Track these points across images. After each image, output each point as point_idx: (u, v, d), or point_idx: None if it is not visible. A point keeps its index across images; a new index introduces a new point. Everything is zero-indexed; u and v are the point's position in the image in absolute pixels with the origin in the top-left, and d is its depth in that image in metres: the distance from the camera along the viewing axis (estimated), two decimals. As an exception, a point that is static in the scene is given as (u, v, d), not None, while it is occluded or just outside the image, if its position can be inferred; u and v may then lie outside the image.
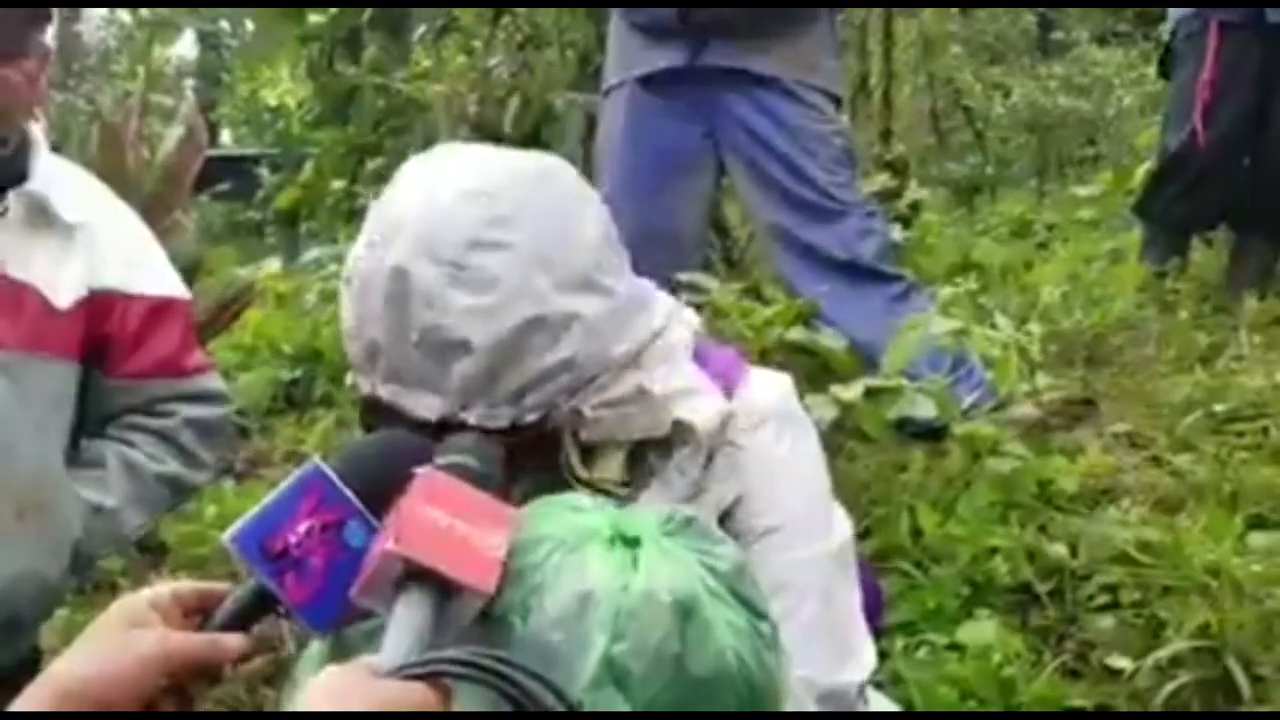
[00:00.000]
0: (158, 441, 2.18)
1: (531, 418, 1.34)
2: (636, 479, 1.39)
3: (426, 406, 1.32)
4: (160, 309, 2.18)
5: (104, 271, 2.11)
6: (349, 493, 1.15)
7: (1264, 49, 4.39)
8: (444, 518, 1.07)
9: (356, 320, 1.36)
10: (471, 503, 1.10)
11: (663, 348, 1.43)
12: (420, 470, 1.12)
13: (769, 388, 1.53)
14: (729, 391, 1.48)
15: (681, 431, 1.39)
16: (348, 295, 1.38)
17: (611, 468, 1.39)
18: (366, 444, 1.31)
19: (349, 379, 1.42)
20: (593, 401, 1.36)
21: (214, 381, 2.30)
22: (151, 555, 3.20)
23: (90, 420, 2.16)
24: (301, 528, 1.13)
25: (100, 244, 2.12)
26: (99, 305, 2.11)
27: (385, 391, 1.35)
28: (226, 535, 1.13)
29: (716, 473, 1.43)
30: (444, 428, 1.31)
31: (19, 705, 1.04)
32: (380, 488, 1.14)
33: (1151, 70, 8.01)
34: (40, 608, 2.14)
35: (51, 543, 2.05)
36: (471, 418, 1.32)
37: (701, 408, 1.40)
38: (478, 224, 1.32)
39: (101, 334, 2.12)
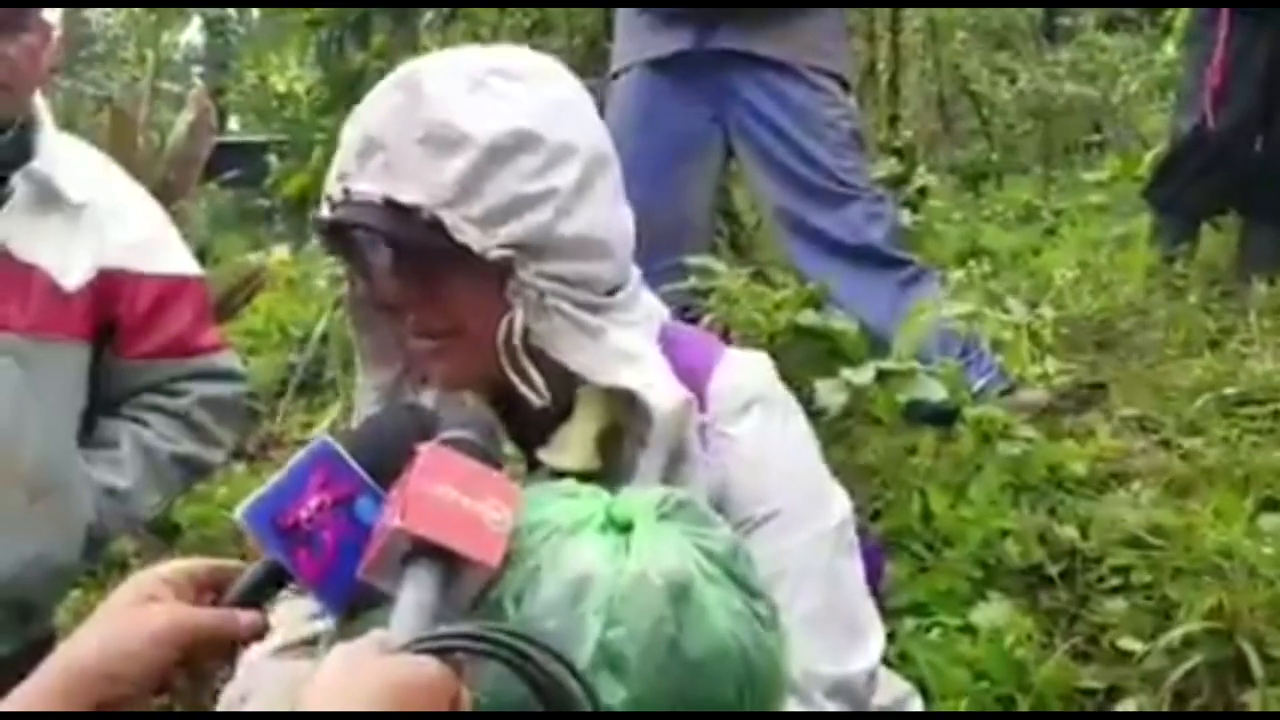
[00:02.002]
0: (172, 421, 2.17)
1: (495, 254, 1.32)
2: (616, 471, 1.36)
3: (409, 193, 1.32)
4: (172, 288, 2.17)
5: (112, 251, 2.10)
6: (358, 468, 1.16)
7: (1274, 34, 4.37)
8: (449, 493, 1.07)
9: (363, 125, 1.37)
10: (476, 477, 1.10)
11: (630, 319, 1.42)
12: (424, 446, 1.12)
13: (750, 370, 1.51)
14: (706, 377, 1.46)
15: (645, 416, 1.35)
16: (353, 120, 1.39)
17: (579, 451, 1.38)
18: (375, 420, 1.31)
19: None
20: (555, 289, 1.35)
21: (228, 360, 2.29)
22: (164, 537, 3.20)
23: (104, 400, 2.15)
24: (313, 503, 1.13)
25: (108, 223, 2.11)
26: (108, 285, 2.09)
27: (372, 185, 1.34)
28: (238, 510, 1.14)
29: (701, 461, 1.40)
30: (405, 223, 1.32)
31: (34, 681, 1.05)
32: (389, 463, 1.14)
33: (1158, 55, 8.03)
34: (54, 591, 2.15)
35: (64, 526, 2.05)
36: (448, 220, 1.31)
37: (658, 389, 1.36)
38: (503, 62, 1.39)
39: (112, 314, 2.11)
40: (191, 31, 19.97)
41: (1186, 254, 4.62)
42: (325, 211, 1.39)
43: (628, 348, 1.39)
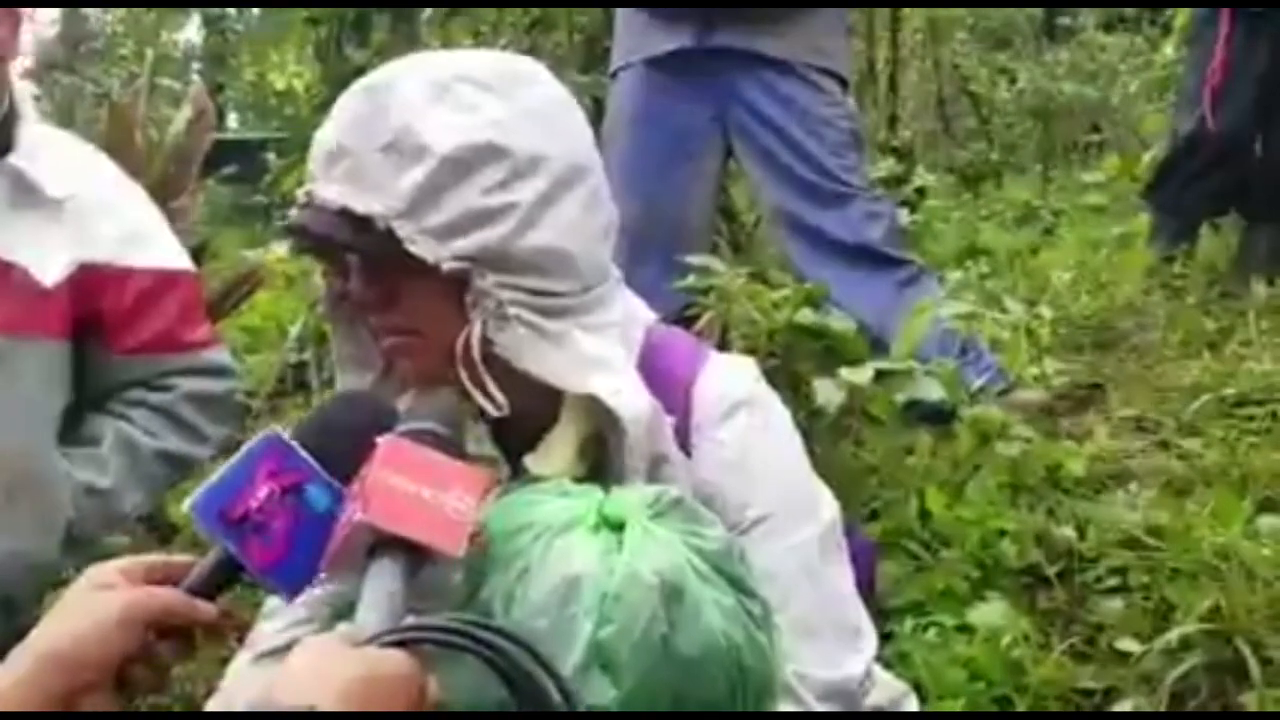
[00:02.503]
0: (156, 417, 2.16)
1: (450, 266, 1.32)
2: (604, 476, 1.35)
3: (367, 204, 1.32)
4: (160, 282, 2.15)
5: (95, 246, 2.08)
6: (306, 456, 1.16)
7: (1274, 34, 4.36)
8: (410, 484, 1.08)
9: (331, 130, 1.38)
10: (438, 467, 1.11)
11: (598, 321, 1.42)
12: (384, 438, 1.13)
13: (735, 374, 1.51)
14: (690, 382, 1.46)
15: (615, 423, 1.35)
16: (327, 122, 1.40)
17: (563, 457, 1.37)
18: (322, 409, 1.32)
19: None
20: (514, 298, 1.35)
21: (217, 355, 2.27)
22: (159, 534, 3.20)
23: (91, 396, 2.14)
24: (261, 493, 1.14)
25: (93, 217, 2.08)
26: (90, 280, 2.07)
27: (333, 192, 1.34)
28: (186, 503, 1.15)
29: (683, 465, 1.40)
30: (367, 236, 1.33)
31: (2, 671, 1.06)
32: (338, 450, 1.15)
33: (1158, 56, 8.02)
34: (34, 586, 2.13)
35: (42, 523, 2.04)
36: (402, 231, 1.31)
37: (624, 397, 1.36)
38: (475, 69, 1.38)
39: (95, 309, 2.09)
40: (190, 29, 19.98)
41: (1185, 255, 4.62)
42: (292, 214, 1.40)
43: (595, 352, 1.38)
